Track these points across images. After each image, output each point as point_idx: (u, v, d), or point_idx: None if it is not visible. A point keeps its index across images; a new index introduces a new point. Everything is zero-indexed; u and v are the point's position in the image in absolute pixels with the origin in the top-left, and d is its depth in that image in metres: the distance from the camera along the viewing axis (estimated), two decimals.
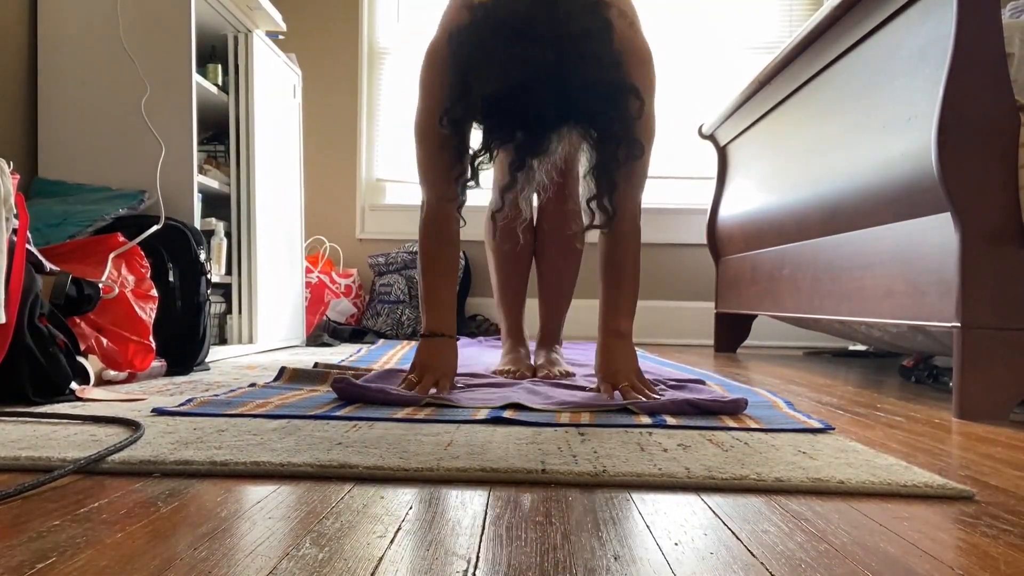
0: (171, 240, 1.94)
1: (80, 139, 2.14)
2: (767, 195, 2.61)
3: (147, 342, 1.67)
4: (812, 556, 0.63)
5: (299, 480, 0.85)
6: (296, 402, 1.34)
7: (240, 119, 2.56)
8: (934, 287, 1.50)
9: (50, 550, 0.61)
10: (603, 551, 0.64)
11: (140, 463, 0.88)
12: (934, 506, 0.80)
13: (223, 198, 2.56)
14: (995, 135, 1.40)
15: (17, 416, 1.19)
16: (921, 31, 1.58)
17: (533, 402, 1.36)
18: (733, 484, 0.85)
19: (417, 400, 1.34)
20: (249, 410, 1.24)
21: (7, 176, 1.30)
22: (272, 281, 2.74)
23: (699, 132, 3.33)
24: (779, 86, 2.44)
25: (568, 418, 1.23)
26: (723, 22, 3.86)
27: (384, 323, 3.49)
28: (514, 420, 1.19)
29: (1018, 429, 1.30)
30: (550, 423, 1.18)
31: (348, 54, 3.87)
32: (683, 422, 1.21)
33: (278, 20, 2.66)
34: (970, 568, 0.61)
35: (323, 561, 0.60)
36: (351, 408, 1.29)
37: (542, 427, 1.16)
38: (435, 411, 1.28)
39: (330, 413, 1.23)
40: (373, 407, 1.30)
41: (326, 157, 3.85)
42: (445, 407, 1.32)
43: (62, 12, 2.15)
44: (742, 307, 2.92)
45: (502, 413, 1.24)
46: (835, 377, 2.21)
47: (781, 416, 1.29)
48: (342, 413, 1.24)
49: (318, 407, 1.29)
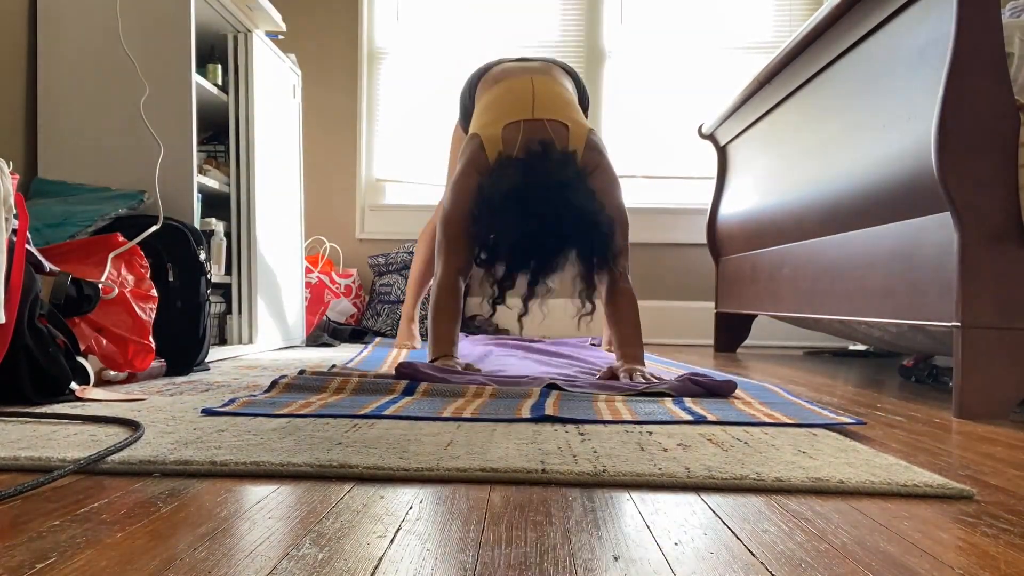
0: (171, 240, 1.94)
1: (80, 139, 2.14)
2: (767, 195, 2.61)
3: (147, 342, 1.67)
4: (812, 556, 0.63)
5: (299, 480, 0.85)
6: (338, 401, 1.34)
7: (240, 119, 2.56)
8: (934, 287, 1.50)
9: (50, 550, 0.61)
10: (603, 551, 0.64)
11: (140, 463, 0.88)
12: (934, 506, 0.80)
13: (223, 198, 2.56)
14: (995, 135, 1.40)
15: (17, 416, 1.19)
16: (921, 31, 1.58)
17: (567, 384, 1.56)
18: (733, 484, 0.85)
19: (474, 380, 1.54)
20: (294, 410, 1.24)
21: (7, 176, 1.30)
22: (272, 281, 2.74)
23: (699, 132, 3.33)
24: (779, 86, 2.44)
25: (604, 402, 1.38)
26: (723, 22, 3.86)
27: (384, 323, 3.49)
28: (559, 418, 1.21)
29: (1018, 429, 1.30)
30: (591, 420, 1.21)
31: (348, 54, 3.87)
32: (721, 418, 1.23)
33: (278, 20, 2.66)
34: (970, 568, 0.61)
35: (323, 561, 0.60)
36: (398, 407, 1.28)
37: (542, 427, 1.16)
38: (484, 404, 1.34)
39: (376, 412, 1.23)
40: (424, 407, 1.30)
41: (326, 157, 3.85)
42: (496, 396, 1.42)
43: (62, 12, 2.15)
44: (742, 307, 2.92)
45: (545, 411, 1.26)
46: (835, 377, 2.21)
47: (808, 412, 1.30)
48: (389, 412, 1.23)
49: (364, 407, 1.28)
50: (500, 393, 1.43)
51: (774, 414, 1.28)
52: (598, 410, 1.30)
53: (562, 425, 1.17)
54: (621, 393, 1.49)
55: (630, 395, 1.47)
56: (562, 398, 1.40)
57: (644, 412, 1.28)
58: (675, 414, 1.27)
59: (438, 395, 1.43)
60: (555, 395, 1.43)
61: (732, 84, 3.63)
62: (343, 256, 3.84)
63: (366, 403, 1.32)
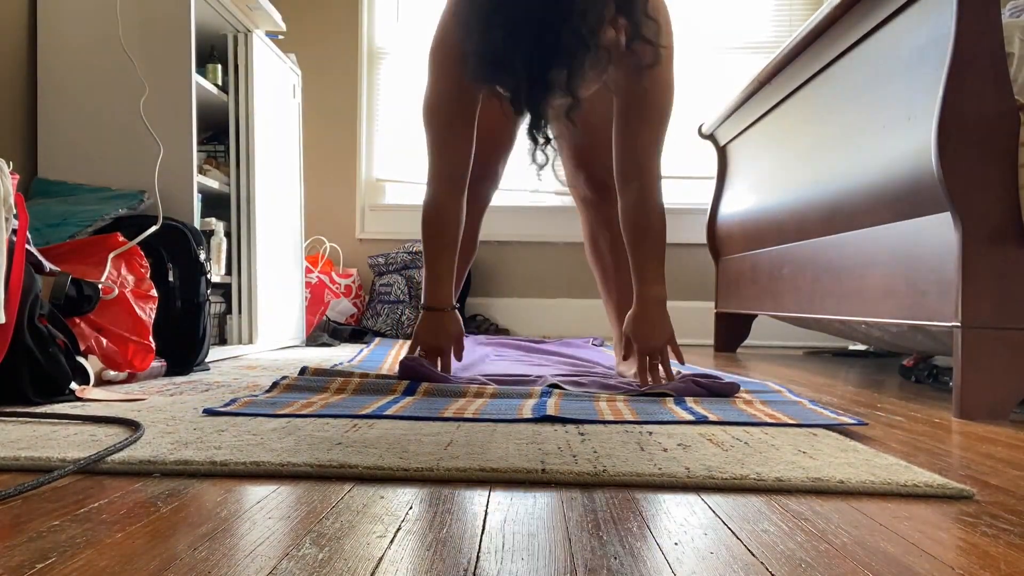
0: (171, 240, 1.94)
1: (80, 139, 2.14)
2: (767, 195, 2.61)
3: (147, 342, 1.67)
4: (812, 556, 0.63)
5: (299, 480, 0.85)
6: (339, 402, 1.34)
7: (240, 119, 2.56)
8: (934, 287, 1.50)
9: (50, 550, 0.61)
10: (603, 551, 0.64)
11: (140, 463, 0.88)
12: (934, 506, 0.80)
13: (223, 198, 2.56)
14: (995, 135, 1.40)
15: (17, 416, 1.19)
16: (921, 31, 1.58)
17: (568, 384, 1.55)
18: (733, 484, 0.85)
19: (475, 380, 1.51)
20: (296, 410, 1.24)
21: (7, 176, 1.30)
22: (272, 281, 2.74)
23: (699, 132, 3.33)
24: (779, 86, 2.44)
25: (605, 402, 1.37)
26: (723, 22, 3.86)
27: (384, 323, 3.49)
28: (560, 418, 1.21)
29: (1018, 429, 1.30)
30: (592, 420, 1.21)
31: (348, 54, 3.88)
32: (722, 418, 1.23)
33: (278, 20, 2.66)
34: (970, 568, 0.61)
35: (323, 561, 0.60)
36: (399, 407, 1.28)
37: (542, 427, 1.16)
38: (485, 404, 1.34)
39: (378, 412, 1.22)
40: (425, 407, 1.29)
41: (326, 157, 3.85)
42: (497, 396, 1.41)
43: (62, 12, 2.15)
44: (742, 307, 2.92)
45: (546, 410, 1.26)
46: (835, 377, 2.21)
47: (809, 412, 1.31)
48: (390, 412, 1.23)
49: (364, 407, 1.28)
50: (501, 393, 1.44)
51: (775, 414, 1.28)
52: (599, 410, 1.30)
53: (562, 425, 1.17)
54: (622, 393, 1.50)
55: (632, 395, 1.48)
56: (563, 398, 1.41)
57: (646, 412, 1.28)
58: (676, 414, 1.27)
59: (439, 395, 1.43)
60: (556, 395, 1.43)
61: (732, 84, 3.63)
62: (343, 256, 3.84)
63: (368, 403, 1.32)
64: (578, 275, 3.78)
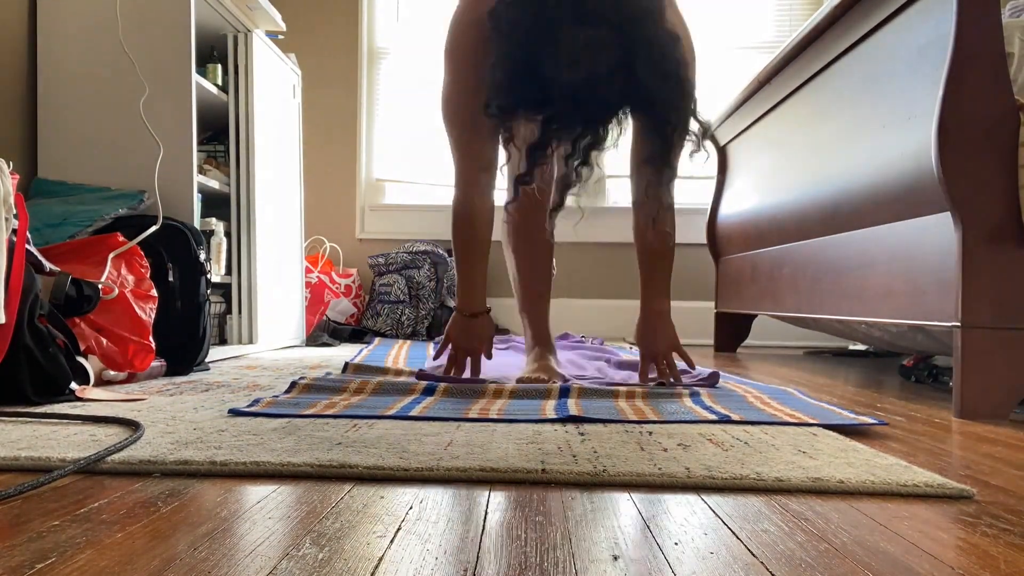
0: (171, 240, 1.94)
1: (80, 139, 2.14)
2: (767, 195, 2.61)
3: (147, 342, 1.67)
4: (812, 556, 0.63)
5: (299, 480, 0.85)
6: (361, 402, 1.34)
7: (240, 119, 2.56)
8: (934, 287, 1.50)
9: (50, 550, 0.61)
10: (603, 551, 0.64)
11: (140, 463, 0.88)
12: (934, 506, 0.80)
13: (223, 198, 2.56)
14: (995, 135, 1.40)
15: (17, 416, 1.19)
16: (921, 31, 1.58)
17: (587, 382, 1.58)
18: (733, 484, 0.85)
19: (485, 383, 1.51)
20: (320, 410, 1.24)
21: (7, 176, 1.30)
22: (272, 281, 2.74)
23: None
24: (779, 86, 2.44)
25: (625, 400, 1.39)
26: (723, 22, 3.86)
27: (384, 323, 3.49)
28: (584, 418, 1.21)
29: (1018, 429, 1.30)
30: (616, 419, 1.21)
31: (348, 54, 3.87)
32: (744, 417, 1.24)
33: (278, 20, 2.66)
34: (970, 568, 0.61)
35: (323, 561, 0.60)
36: (422, 407, 1.28)
37: (542, 427, 1.16)
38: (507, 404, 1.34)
39: (400, 413, 1.22)
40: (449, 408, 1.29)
41: (326, 157, 3.85)
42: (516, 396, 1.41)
43: (62, 12, 2.15)
44: (742, 307, 2.92)
45: (568, 411, 1.25)
46: (835, 377, 2.21)
47: (830, 413, 1.31)
48: (413, 413, 1.23)
49: (388, 408, 1.27)
50: (521, 392, 1.43)
51: (795, 413, 1.28)
52: (621, 409, 1.30)
53: (562, 425, 1.17)
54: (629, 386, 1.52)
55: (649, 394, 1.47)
56: (583, 397, 1.41)
57: (667, 412, 1.28)
58: (698, 413, 1.27)
59: (459, 395, 1.43)
60: (576, 392, 1.43)
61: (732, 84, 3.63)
62: (343, 256, 3.84)
63: (390, 404, 1.32)
64: (578, 275, 3.78)
